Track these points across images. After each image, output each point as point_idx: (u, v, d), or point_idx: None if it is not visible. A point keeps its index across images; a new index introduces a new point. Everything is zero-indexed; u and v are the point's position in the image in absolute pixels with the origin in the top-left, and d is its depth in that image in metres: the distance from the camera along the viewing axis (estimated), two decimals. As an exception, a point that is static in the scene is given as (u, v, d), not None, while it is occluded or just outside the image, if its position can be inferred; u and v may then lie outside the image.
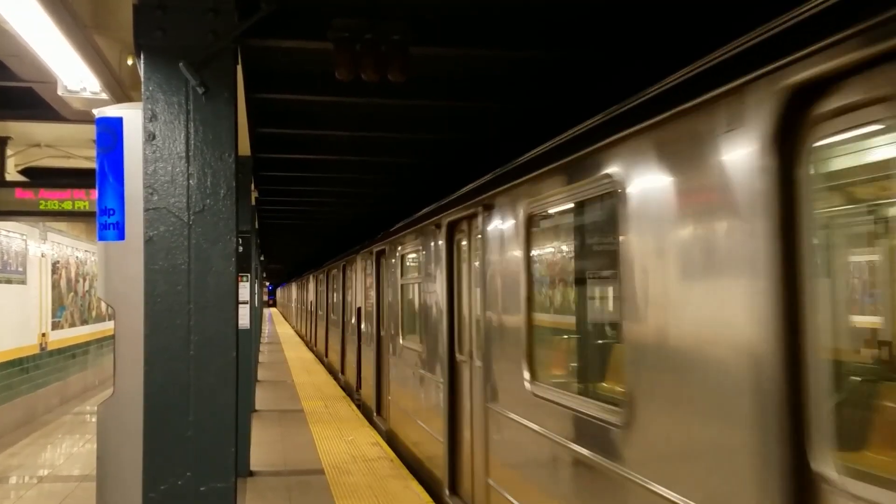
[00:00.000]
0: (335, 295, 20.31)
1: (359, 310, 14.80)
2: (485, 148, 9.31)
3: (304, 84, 6.82)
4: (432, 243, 8.36)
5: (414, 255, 9.95)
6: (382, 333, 12.17)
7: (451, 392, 7.45)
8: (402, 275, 10.46)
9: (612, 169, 3.99)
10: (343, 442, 10.71)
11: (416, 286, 9.58)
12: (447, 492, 7.46)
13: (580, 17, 5.37)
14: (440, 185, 11.23)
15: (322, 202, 15.07)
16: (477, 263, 6.64)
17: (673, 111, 3.37)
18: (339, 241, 22.54)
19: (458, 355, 7.33)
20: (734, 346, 2.91)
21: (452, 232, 7.52)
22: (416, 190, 12.44)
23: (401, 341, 10.29)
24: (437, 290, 8.02)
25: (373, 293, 13.06)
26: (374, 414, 12.46)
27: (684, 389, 3.28)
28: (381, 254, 12.51)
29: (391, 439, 10.87)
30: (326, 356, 22.40)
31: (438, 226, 7.91)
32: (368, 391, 13.62)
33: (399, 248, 10.47)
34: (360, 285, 15.00)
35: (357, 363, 15.11)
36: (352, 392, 15.64)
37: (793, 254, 2.65)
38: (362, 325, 14.47)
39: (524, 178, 5.41)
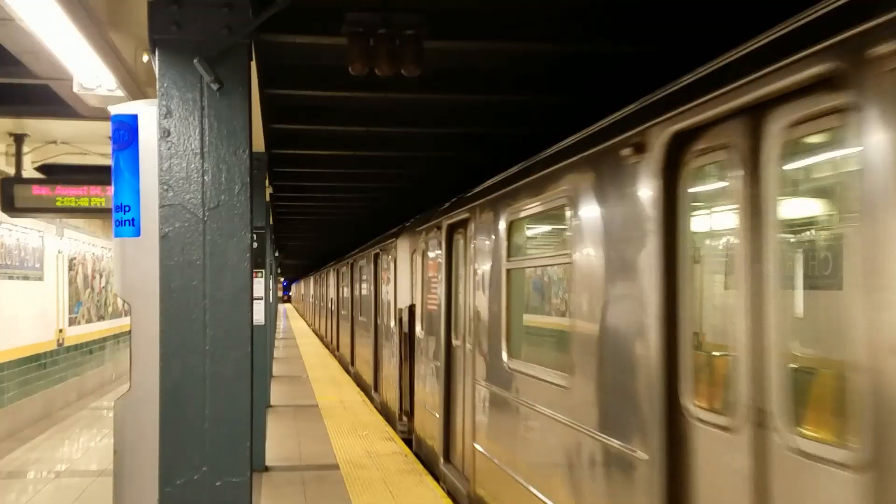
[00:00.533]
0: (363, 291, 17.11)
1: (410, 309, 11.17)
2: (490, 144, 9.33)
3: (317, 80, 6.82)
4: (604, 190, 4.60)
5: (549, 219, 6.05)
6: (456, 344, 8.58)
7: (669, 479, 3.75)
8: (510, 254, 6.47)
9: None
10: (357, 437, 10.73)
11: (549, 272, 5.99)
12: None
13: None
14: (453, 179, 11.25)
15: (337, 197, 15.10)
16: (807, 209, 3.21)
17: None
18: (355, 235, 22.57)
19: (692, 407, 3.66)
20: None
21: (675, 159, 3.76)
22: (431, 184, 12.44)
23: (506, 362, 6.40)
24: (618, 278, 4.37)
25: (437, 286, 9.34)
26: (441, 461, 8.81)
27: None
28: (456, 228, 8.61)
29: None
30: (353, 365, 18.84)
31: (639, 147, 4.02)
32: (427, 426, 9.91)
33: (508, 211, 6.46)
34: (406, 277, 11.47)
35: (405, 383, 11.22)
36: (392, 419, 11.97)
37: None
38: (417, 331, 10.74)
39: None
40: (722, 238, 3.68)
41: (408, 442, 10.79)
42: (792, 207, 3.13)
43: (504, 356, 6.48)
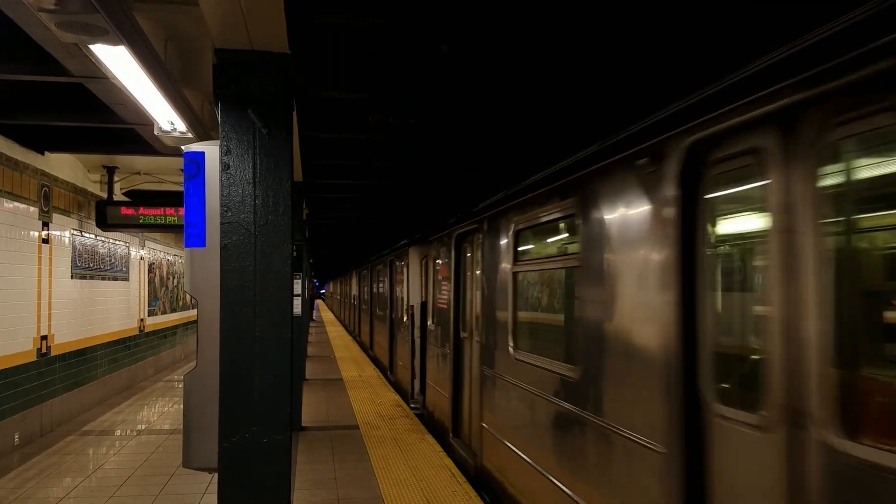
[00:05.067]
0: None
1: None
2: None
3: (342, 126, 6.83)
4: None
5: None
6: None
7: None
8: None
9: None
10: (373, 404, 10.69)
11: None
12: None
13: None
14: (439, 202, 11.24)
15: (353, 217, 15.13)
16: None
17: None
18: (364, 248, 22.53)
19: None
20: None
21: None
22: (420, 207, 12.45)
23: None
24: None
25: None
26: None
27: None
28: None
29: None
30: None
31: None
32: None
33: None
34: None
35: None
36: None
37: None
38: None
39: None
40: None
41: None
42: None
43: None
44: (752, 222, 2.54)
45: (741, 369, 2.61)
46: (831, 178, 2.15)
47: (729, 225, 2.76)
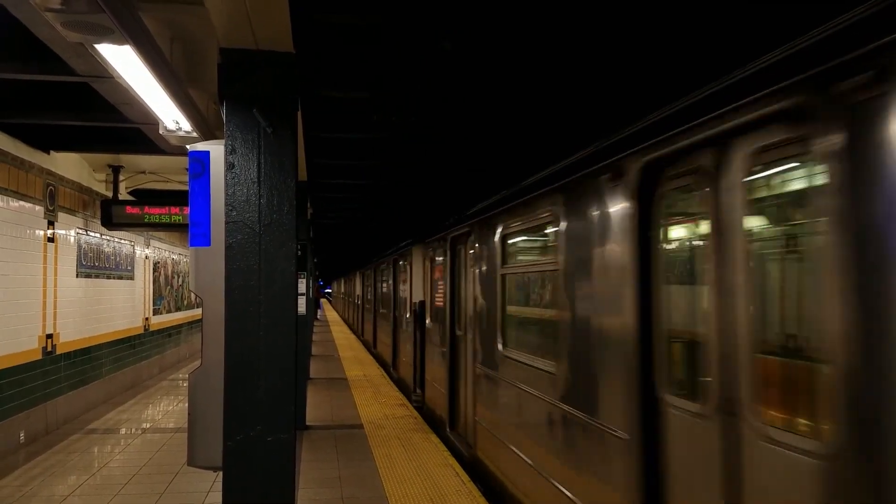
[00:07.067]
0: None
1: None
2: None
3: (346, 125, 6.85)
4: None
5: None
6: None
7: None
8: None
9: None
10: (377, 403, 10.71)
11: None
12: None
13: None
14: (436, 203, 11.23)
15: (357, 217, 15.15)
16: None
17: None
18: (367, 248, 22.54)
19: None
20: None
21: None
22: (422, 206, 12.45)
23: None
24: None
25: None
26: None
27: None
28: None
29: None
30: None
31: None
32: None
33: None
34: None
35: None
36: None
37: None
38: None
39: None
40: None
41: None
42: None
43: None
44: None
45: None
46: None
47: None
